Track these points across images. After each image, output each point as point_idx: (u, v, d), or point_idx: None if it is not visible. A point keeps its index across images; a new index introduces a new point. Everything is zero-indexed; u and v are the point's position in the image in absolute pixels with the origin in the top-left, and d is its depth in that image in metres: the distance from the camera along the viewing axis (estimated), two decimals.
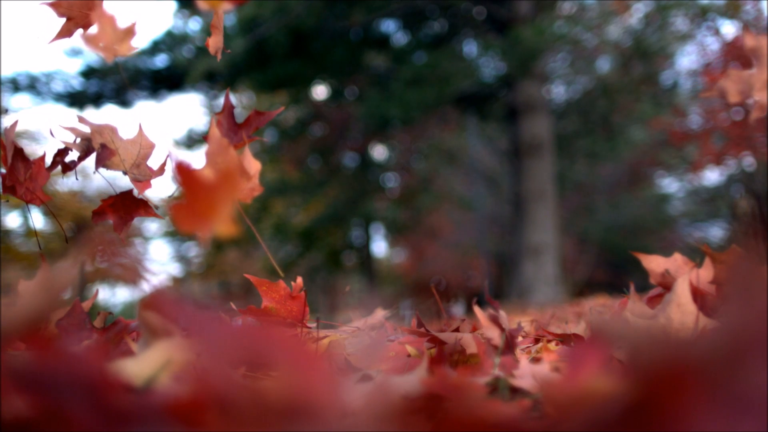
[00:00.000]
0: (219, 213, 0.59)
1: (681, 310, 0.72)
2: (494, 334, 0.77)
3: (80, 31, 0.91)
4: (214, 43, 0.93)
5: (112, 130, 1.00)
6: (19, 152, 0.99)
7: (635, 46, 9.95)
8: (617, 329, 0.31)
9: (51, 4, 0.87)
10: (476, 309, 0.83)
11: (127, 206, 1.01)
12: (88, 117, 1.00)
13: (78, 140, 0.99)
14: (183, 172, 0.60)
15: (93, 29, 0.86)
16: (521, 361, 0.66)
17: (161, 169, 1.05)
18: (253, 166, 0.99)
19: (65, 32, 0.91)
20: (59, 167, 1.01)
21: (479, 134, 13.93)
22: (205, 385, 0.30)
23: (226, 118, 1.04)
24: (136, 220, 1.04)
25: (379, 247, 23.05)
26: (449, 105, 10.41)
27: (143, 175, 1.03)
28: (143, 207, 1.01)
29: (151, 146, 1.04)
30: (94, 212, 1.00)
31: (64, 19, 0.89)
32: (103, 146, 0.99)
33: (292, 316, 0.96)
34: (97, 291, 1.02)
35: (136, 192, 1.03)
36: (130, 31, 0.89)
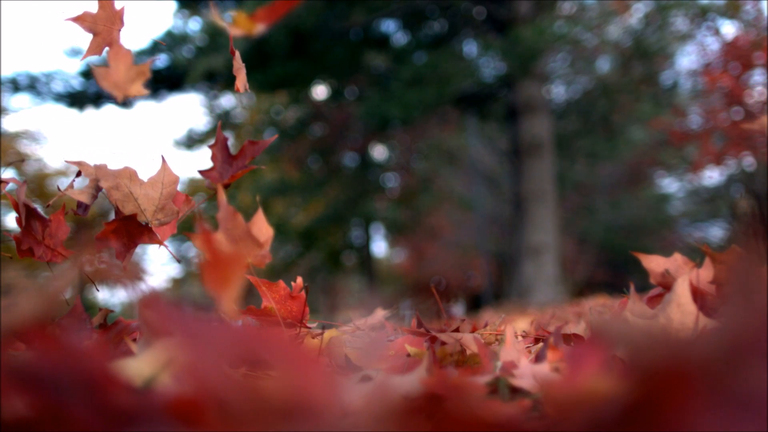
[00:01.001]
0: (228, 287, 0.59)
1: (681, 310, 0.72)
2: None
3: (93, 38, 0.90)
4: (241, 82, 0.93)
5: (131, 176, 0.94)
6: (32, 212, 0.95)
7: (635, 46, 9.95)
8: (617, 329, 0.31)
9: (75, 19, 0.87)
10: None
11: (131, 232, 0.95)
12: (102, 163, 0.94)
13: (91, 184, 0.95)
14: (202, 238, 0.61)
15: (107, 65, 0.85)
16: (521, 361, 0.66)
17: (187, 202, 1.00)
18: (264, 232, 0.94)
19: (94, 49, 0.91)
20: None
21: (479, 134, 13.93)
22: (205, 385, 0.30)
23: (219, 150, 1.03)
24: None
25: (379, 247, 23.07)
26: (449, 105, 10.41)
27: (168, 216, 0.97)
28: (147, 233, 0.96)
29: (175, 181, 0.97)
30: (96, 237, 0.95)
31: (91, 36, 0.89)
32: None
33: (292, 316, 0.96)
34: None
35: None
36: (142, 72, 0.88)
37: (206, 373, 0.30)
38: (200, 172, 1.01)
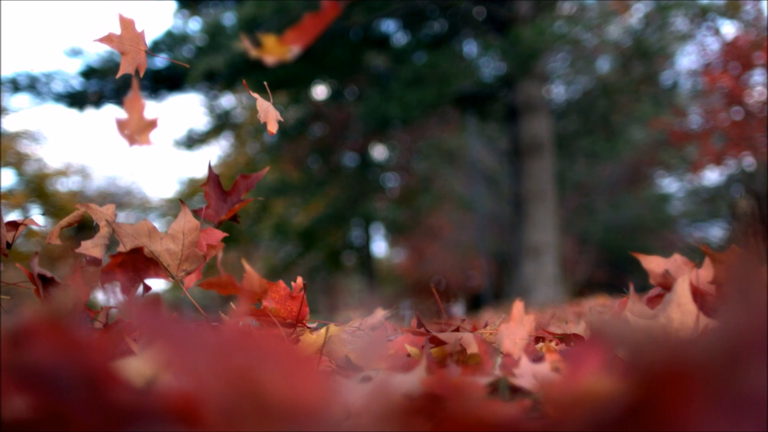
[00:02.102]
0: None
1: (681, 310, 0.72)
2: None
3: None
4: (271, 126, 0.92)
5: (150, 232, 0.90)
6: (49, 281, 0.93)
7: (635, 46, 9.95)
8: (617, 329, 0.32)
9: (103, 40, 0.88)
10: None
11: (137, 266, 0.91)
12: (120, 220, 0.91)
13: (103, 234, 0.92)
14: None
15: (123, 114, 0.86)
16: (521, 361, 0.66)
17: (212, 246, 0.95)
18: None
19: (127, 67, 0.91)
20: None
21: (479, 134, 13.93)
22: (202, 387, 0.30)
23: (212, 188, 1.02)
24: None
25: (379, 247, 23.06)
26: (449, 105, 10.41)
27: (194, 264, 0.92)
28: (154, 267, 0.93)
29: (196, 227, 0.93)
30: (102, 271, 0.92)
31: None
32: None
33: (292, 316, 0.96)
34: None
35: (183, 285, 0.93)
36: (152, 124, 0.88)
37: (201, 376, 0.30)
38: (195, 211, 0.99)
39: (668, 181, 16.65)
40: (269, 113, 0.93)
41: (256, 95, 0.90)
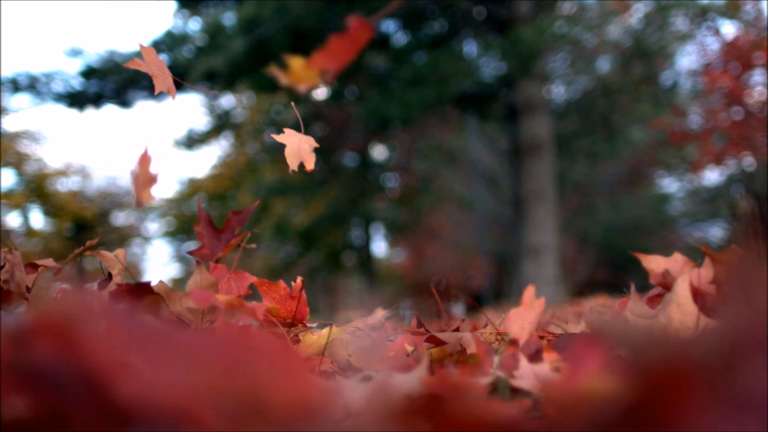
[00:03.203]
0: None
1: (681, 310, 0.72)
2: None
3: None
4: (309, 163, 0.89)
5: (168, 294, 0.89)
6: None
7: (635, 46, 9.95)
8: (617, 329, 0.32)
9: (132, 65, 0.89)
10: None
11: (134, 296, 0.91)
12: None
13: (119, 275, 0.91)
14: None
15: (135, 168, 0.85)
16: (521, 361, 0.66)
17: (236, 302, 0.93)
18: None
19: (161, 86, 0.91)
20: None
21: (479, 134, 13.93)
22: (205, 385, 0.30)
23: (204, 227, 1.01)
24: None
25: (379, 247, 23.04)
26: (449, 105, 10.41)
27: (216, 313, 0.92)
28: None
29: (213, 283, 0.92)
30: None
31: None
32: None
33: (292, 316, 0.96)
34: None
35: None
36: (153, 179, 0.88)
37: (194, 378, 0.30)
38: (190, 252, 0.99)
39: (668, 181, 16.66)
40: (302, 150, 0.91)
41: (276, 137, 0.87)
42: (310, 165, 0.91)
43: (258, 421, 0.29)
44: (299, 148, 0.91)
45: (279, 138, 0.91)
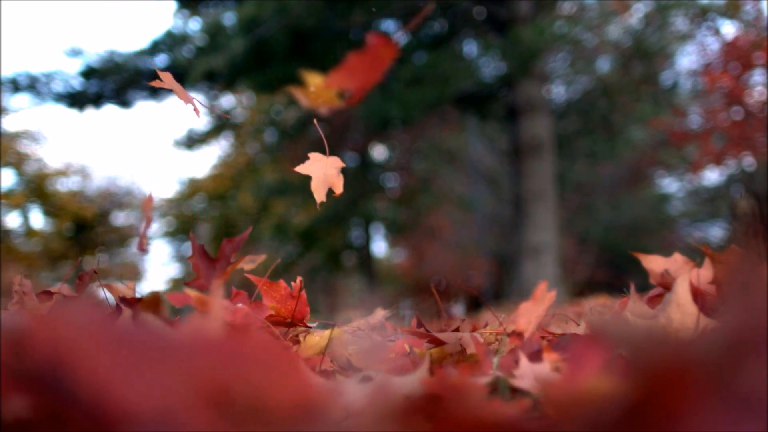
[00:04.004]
0: None
1: (681, 310, 0.72)
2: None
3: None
4: (321, 194, 0.87)
5: None
6: None
7: (635, 46, 9.95)
8: (617, 329, 0.32)
9: (155, 83, 0.91)
10: None
11: None
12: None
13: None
14: None
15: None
16: (521, 361, 0.66)
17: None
18: None
19: (186, 101, 0.93)
20: None
21: (479, 134, 13.93)
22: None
23: (199, 259, 1.02)
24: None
25: (379, 247, 23.05)
26: (449, 105, 10.41)
27: None
28: None
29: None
30: None
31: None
32: None
33: (293, 316, 0.96)
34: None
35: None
36: (150, 218, 0.88)
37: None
38: (186, 284, 0.99)
39: (668, 181, 16.65)
40: (329, 176, 0.89)
41: (302, 170, 0.84)
42: (339, 189, 0.88)
43: (255, 423, 0.29)
44: (326, 175, 0.88)
45: (304, 170, 0.88)
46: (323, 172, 0.86)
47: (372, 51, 0.53)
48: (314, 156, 0.87)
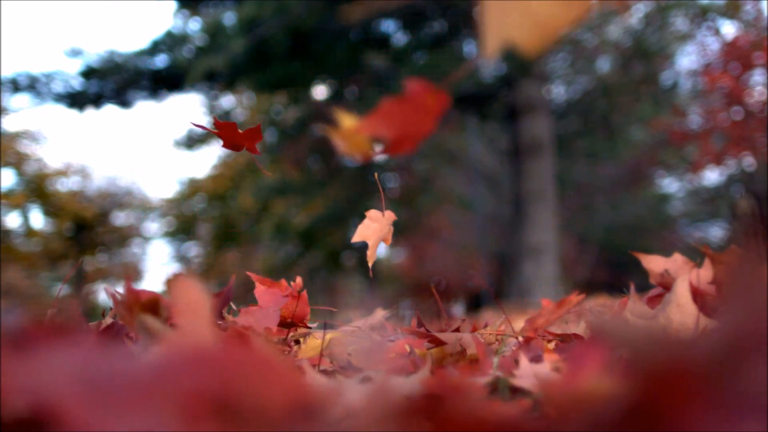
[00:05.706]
0: None
1: (681, 310, 0.72)
2: None
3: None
4: (372, 258, 0.82)
5: None
6: None
7: (635, 46, 9.96)
8: (617, 329, 0.32)
9: (197, 125, 0.90)
10: None
11: None
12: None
13: None
14: None
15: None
16: (521, 361, 0.66)
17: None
18: None
19: (229, 146, 0.91)
20: None
21: (479, 134, 13.93)
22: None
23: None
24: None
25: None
26: (449, 105, 10.40)
27: None
28: None
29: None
30: None
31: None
32: None
33: (293, 316, 0.96)
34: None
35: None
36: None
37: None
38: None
39: (668, 181, 16.65)
40: (385, 235, 0.85)
41: (360, 238, 0.80)
42: (389, 241, 0.85)
43: (259, 419, 0.29)
44: (381, 235, 0.85)
45: (362, 237, 0.83)
46: (380, 234, 0.82)
47: (412, 98, 0.48)
48: (371, 215, 0.82)
